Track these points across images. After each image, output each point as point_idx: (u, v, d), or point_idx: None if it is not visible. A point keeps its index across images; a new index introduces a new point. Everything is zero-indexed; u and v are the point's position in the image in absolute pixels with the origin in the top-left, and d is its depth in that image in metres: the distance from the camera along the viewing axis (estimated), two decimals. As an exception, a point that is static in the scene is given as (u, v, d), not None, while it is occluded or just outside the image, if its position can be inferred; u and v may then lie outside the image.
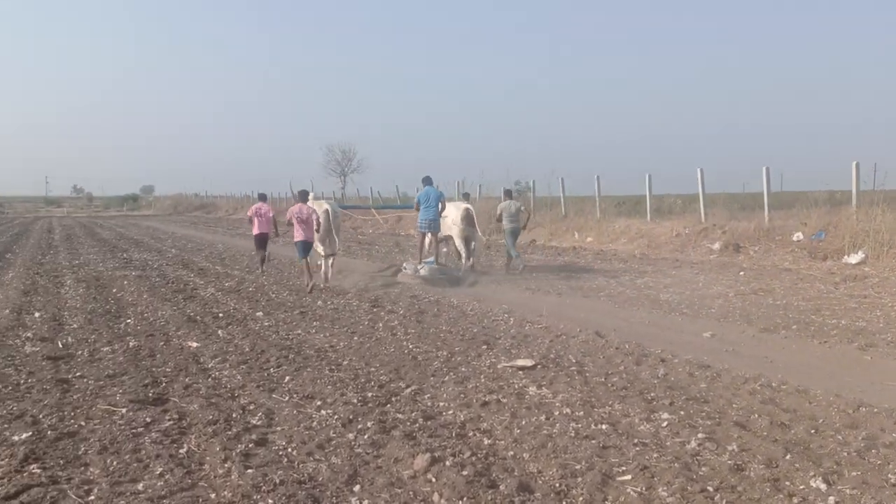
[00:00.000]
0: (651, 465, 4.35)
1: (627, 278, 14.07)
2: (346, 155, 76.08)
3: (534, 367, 6.85)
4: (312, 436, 4.97)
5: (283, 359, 7.27)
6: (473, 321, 9.40)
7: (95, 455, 4.62)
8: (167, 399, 5.91)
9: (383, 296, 11.69)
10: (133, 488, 4.09)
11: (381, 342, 8.13)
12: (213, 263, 17.77)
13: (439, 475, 4.20)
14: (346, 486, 4.12)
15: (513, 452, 4.65)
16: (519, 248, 16.54)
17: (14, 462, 4.45)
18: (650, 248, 19.60)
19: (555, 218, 25.97)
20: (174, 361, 7.23)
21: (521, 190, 32.39)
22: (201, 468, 4.41)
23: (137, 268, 16.65)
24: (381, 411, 5.49)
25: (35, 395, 6.02)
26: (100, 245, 25.21)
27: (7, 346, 7.87)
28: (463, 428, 5.16)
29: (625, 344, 7.81)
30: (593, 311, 10.41)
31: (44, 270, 16.22)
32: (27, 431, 5.03)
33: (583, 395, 5.86)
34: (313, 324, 9.31)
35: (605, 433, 4.96)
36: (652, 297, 11.59)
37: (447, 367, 6.91)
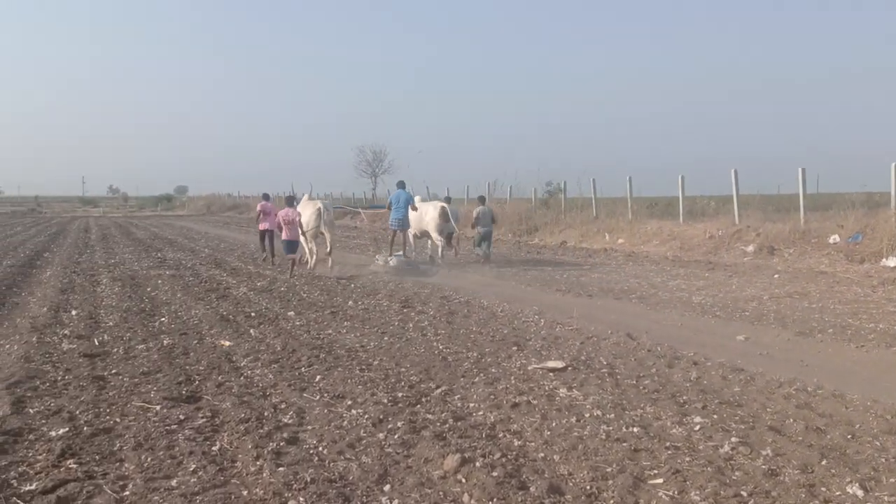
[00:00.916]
0: (683, 469, 4.31)
1: (659, 280, 13.94)
2: (377, 156, 76.40)
3: (564, 368, 6.82)
4: (343, 435, 4.99)
5: (314, 358, 7.32)
6: (504, 322, 9.38)
7: (130, 451, 4.69)
8: (200, 397, 5.99)
9: (413, 296, 11.72)
10: (167, 484, 4.15)
11: (411, 342, 8.14)
12: (245, 263, 17.94)
13: (469, 476, 4.19)
14: (377, 486, 4.13)
15: (543, 454, 4.63)
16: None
17: (51, 457, 4.53)
18: (682, 250, 19.40)
19: (585, 219, 25.83)
20: (207, 360, 7.31)
21: (553, 191, 32.28)
22: (233, 465, 4.45)
23: (171, 267, 16.87)
24: (411, 411, 5.50)
25: (72, 391, 6.13)
26: (135, 245, 25.59)
27: (45, 344, 8.01)
28: (493, 429, 5.15)
29: (657, 346, 7.74)
30: (624, 313, 10.33)
31: (81, 269, 16.51)
32: (64, 427, 5.12)
33: (614, 398, 5.82)
34: (344, 324, 9.36)
35: (636, 436, 4.92)
36: (684, 299, 11.48)
37: (477, 368, 6.91)
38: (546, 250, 22.59)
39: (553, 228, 26.53)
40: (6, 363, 7.16)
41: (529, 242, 25.77)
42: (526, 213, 28.95)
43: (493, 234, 18.78)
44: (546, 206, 30.17)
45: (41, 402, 5.76)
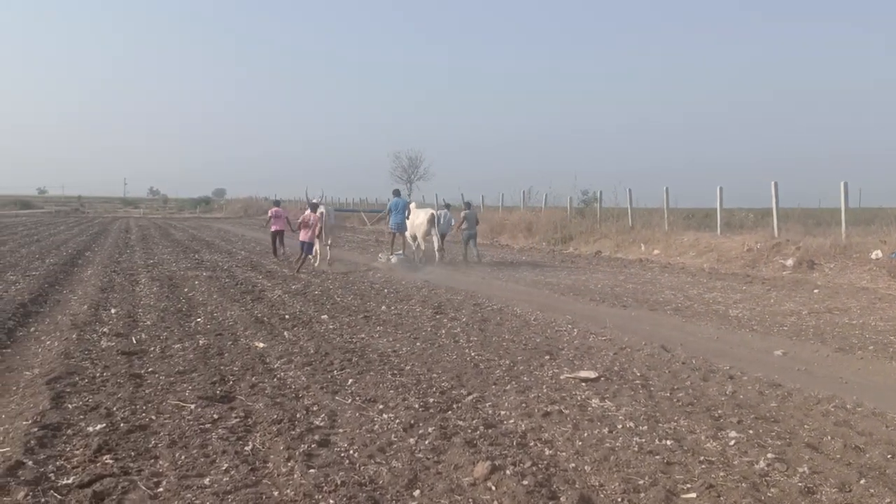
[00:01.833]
0: (717, 484, 4.24)
1: (695, 292, 13.78)
2: (413, 162, 76.78)
3: (597, 379, 6.76)
4: (374, 439, 5.01)
5: (346, 362, 7.36)
6: (536, 331, 9.33)
7: (165, 448, 4.75)
8: (234, 397, 6.05)
9: (446, 303, 11.72)
10: (200, 482, 4.20)
11: (443, 349, 8.14)
12: (280, 266, 18.11)
13: (499, 484, 4.18)
14: (406, 491, 4.14)
15: (574, 464, 4.60)
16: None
17: (88, 452, 4.61)
18: (720, 262, 19.13)
19: (621, 229, 25.60)
20: (241, 361, 7.39)
21: (589, 200, 32.08)
22: (265, 466, 4.49)
23: (208, 269, 17.10)
24: (442, 417, 5.50)
25: (109, 388, 6.23)
26: (173, 246, 25.99)
27: (85, 341, 8.17)
28: (524, 437, 5.12)
29: (691, 359, 7.64)
30: (659, 324, 10.22)
31: (120, 269, 16.81)
32: (101, 423, 5.21)
33: (647, 410, 5.75)
34: (377, 328, 9.40)
35: (669, 449, 4.86)
36: (721, 312, 11.32)
37: (509, 376, 6.88)
38: (580, 259, 22.45)
39: (588, 238, 26.35)
40: (47, 359, 7.32)
41: (564, 251, 25.63)
42: (561, 222, 28.79)
43: (477, 236, 21.36)
44: (581, 215, 29.97)
45: (80, 398, 5.87)
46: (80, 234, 33.25)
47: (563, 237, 27.53)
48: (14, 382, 6.58)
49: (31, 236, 30.42)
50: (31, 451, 4.59)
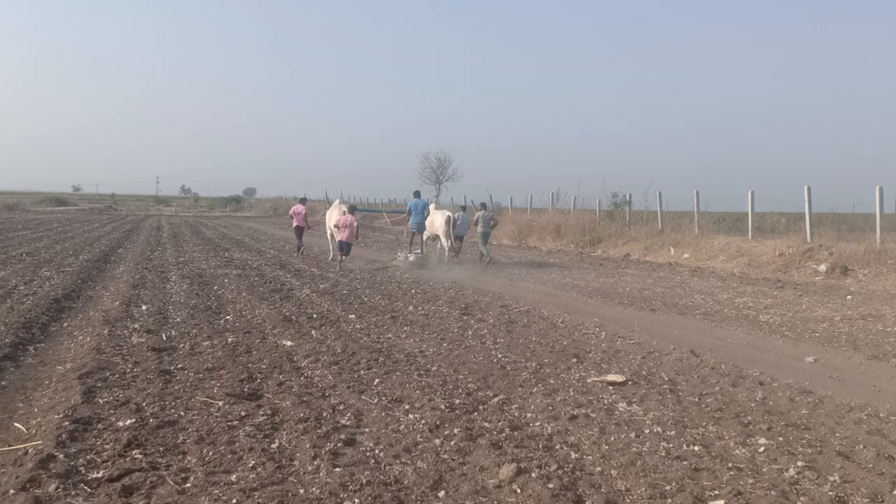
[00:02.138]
0: (746, 492, 4.19)
1: (725, 297, 13.62)
2: (442, 163, 76.95)
3: (624, 383, 6.71)
4: (399, 439, 5.02)
5: (373, 361, 7.37)
6: (564, 333, 9.29)
7: (193, 444, 4.80)
8: (261, 395, 6.09)
9: (473, 304, 11.71)
10: (227, 479, 4.23)
11: (470, 350, 8.13)
12: (308, 265, 18.23)
13: (524, 486, 4.16)
14: (431, 491, 4.13)
15: (600, 468, 4.57)
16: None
17: (118, 447, 4.67)
18: (750, 266, 18.90)
19: (650, 233, 25.41)
20: (269, 359, 7.44)
21: (618, 203, 31.87)
22: (291, 464, 4.51)
23: (238, 267, 17.26)
24: (468, 419, 5.49)
25: (139, 383, 6.31)
26: (204, 244, 26.27)
27: (116, 336, 8.28)
28: (550, 440, 5.09)
29: (721, 364, 7.55)
30: (688, 328, 10.12)
31: (152, 266, 17.03)
32: (131, 418, 5.27)
33: (675, 415, 5.70)
34: (404, 328, 9.41)
35: (697, 455, 4.81)
36: (751, 317, 11.18)
37: (536, 379, 6.85)
38: (609, 262, 22.29)
39: (617, 241, 26.18)
40: (79, 354, 7.43)
41: (592, 254, 25.49)
42: (589, 224, 28.63)
43: (490, 236, 22.16)
44: (610, 218, 29.77)
45: (110, 393, 5.95)
46: (113, 232, 33.76)
47: (591, 240, 27.38)
48: (47, 376, 6.69)
49: (66, 233, 30.96)
50: (63, 444, 4.66)
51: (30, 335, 8.41)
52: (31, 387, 6.38)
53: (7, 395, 6.11)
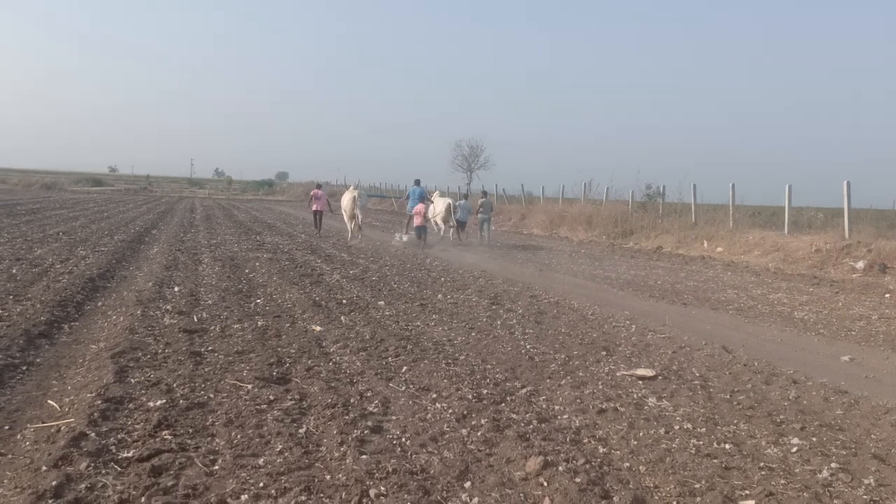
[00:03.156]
0: (777, 492, 4.11)
1: (759, 292, 13.41)
2: (474, 151, 76.73)
3: (654, 377, 6.64)
4: (426, 428, 5.00)
5: (401, 349, 7.37)
6: (593, 326, 9.21)
7: (222, 427, 4.83)
8: (290, 379, 6.12)
9: (503, 293, 11.67)
10: (254, 462, 4.25)
11: (498, 340, 8.10)
12: (339, 251, 18.30)
13: (551, 480, 4.12)
14: (457, 482, 4.12)
15: (628, 464, 4.51)
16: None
17: (148, 427, 4.72)
18: (785, 262, 18.58)
19: (684, 225, 25.10)
20: (298, 343, 7.47)
21: (652, 195, 31.50)
22: (318, 449, 4.52)
23: (269, 251, 17.37)
24: (495, 409, 5.46)
25: (170, 364, 6.37)
26: (236, 227, 26.51)
27: (148, 317, 8.37)
28: (578, 434, 5.05)
29: (753, 361, 7.44)
30: (720, 324, 9.98)
31: (185, 248, 17.21)
32: (162, 399, 5.32)
33: (706, 411, 5.62)
34: (432, 316, 9.40)
35: (728, 453, 4.74)
36: (785, 314, 11.00)
37: (564, 371, 6.80)
38: (641, 255, 22.08)
39: (649, 233, 25.91)
40: (112, 333, 7.53)
41: (624, 246, 25.26)
42: (622, 216, 28.36)
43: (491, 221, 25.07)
44: (643, 210, 29.44)
45: (142, 373, 6.02)
46: (148, 213, 34.19)
47: (623, 231, 27.13)
48: (81, 355, 6.79)
49: (102, 213, 31.44)
50: (95, 423, 4.72)
51: (65, 313, 8.54)
52: (65, 365, 6.48)
53: (42, 372, 6.21)
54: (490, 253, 20.21)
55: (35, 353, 6.74)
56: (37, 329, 7.51)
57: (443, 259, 17.41)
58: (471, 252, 20.17)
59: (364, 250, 18.66)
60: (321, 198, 24.21)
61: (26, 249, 14.69)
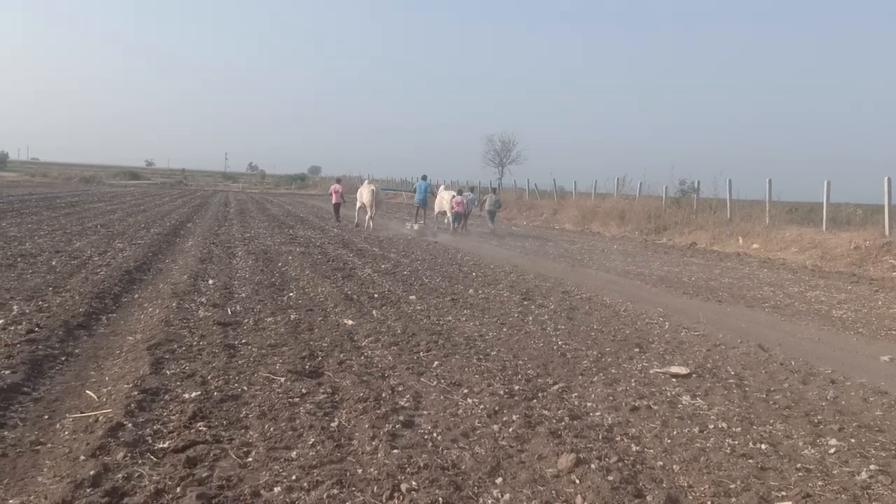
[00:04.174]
0: (815, 494, 4.04)
1: (796, 290, 13.19)
2: (506, 146, 76.48)
3: (688, 375, 6.56)
4: (458, 423, 5.00)
5: (432, 344, 7.37)
6: (626, 322, 9.13)
7: (255, 419, 4.88)
8: (322, 373, 6.15)
9: (534, 289, 11.61)
10: (287, 455, 4.28)
11: (530, 336, 8.06)
12: (370, 245, 18.37)
13: (583, 477, 4.09)
14: (489, 478, 4.11)
15: (662, 462, 4.47)
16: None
17: (184, 418, 4.78)
18: (823, 259, 18.25)
19: (718, 221, 24.75)
20: (330, 337, 7.51)
21: (686, 190, 31.11)
22: (350, 443, 4.54)
23: (301, 244, 17.49)
24: (527, 405, 5.44)
25: (205, 357, 6.45)
26: (269, 220, 26.74)
27: (184, 310, 8.48)
28: (610, 431, 5.01)
29: (790, 360, 7.31)
30: (756, 322, 9.83)
31: (219, 241, 17.41)
32: (196, 391, 5.39)
33: (741, 411, 5.54)
34: (464, 311, 9.39)
35: (764, 453, 4.66)
36: (823, 312, 10.80)
37: (597, 368, 6.75)
38: (674, 251, 21.85)
39: (683, 229, 25.61)
40: (149, 325, 7.64)
41: (657, 241, 25.02)
42: (655, 211, 28.07)
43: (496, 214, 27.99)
44: (677, 205, 29.09)
45: (177, 365, 6.10)
46: (183, 206, 34.63)
47: (656, 227, 26.85)
48: (118, 346, 6.90)
49: (138, 206, 31.92)
50: (132, 413, 4.80)
51: (103, 305, 8.68)
52: (103, 356, 6.58)
53: (80, 362, 6.32)
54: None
55: (74, 344, 6.86)
56: (76, 320, 7.64)
57: (474, 254, 17.39)
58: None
59: (395, 245, 18.70)
60: (339, 192, 27.49)
61: (65, 242, 14.96)
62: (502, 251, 19.08)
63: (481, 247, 19.82)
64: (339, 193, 27.53)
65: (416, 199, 27.13)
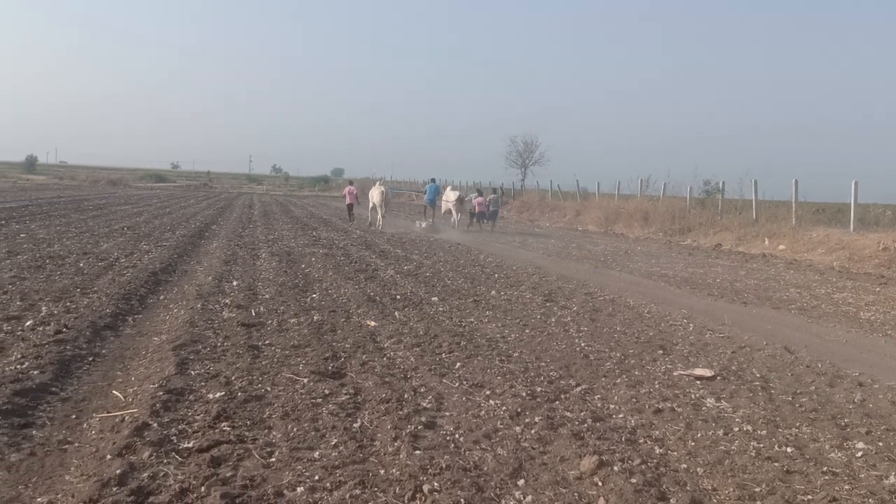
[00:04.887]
0: (841, 498, 3.99)
1: (823, 291, 13.03)
2: (529, 147, 76.23)
3: (713, 377, 6.50)
4: (480, 424, 5.00)
5: (455, 345, 7.37)
6: (650, 324, 9.07)
7: (278, 420, 4.91)
8: (345, 374, 6.18)
9: (557, 290, 11.57)
10: (310, 455, 4.31)
11: (552, 337, 8.04)
12: (393, 246, 18.41)
13: (606, 479, 4.08)
14: (511, 479, 4.10)
15: (686, 465, 4.44)
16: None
17: (208, 418, 4.83)
18: (851, 261, 17.99)
19: (744, 222, 24.50)
20: (353, 338, 7.54)
21: (710, 191, 30.82)
22: (372, 444, 4.56)
23: (325, 246, 17.57)
24: (549, 407, 5.42)
25: (229, 357, 6.50)
26: (292, 222, 26.90)
27: (208, 311, 8.56)
28: (633, 433, 4.98)
29: (817, 363, 7.22)
30: (782, 323, 9.72)
31: (243, 243, 17.54)
32: (221, 391, 5.44)
33: (766, 413, 5.48)
34: (486, 313, 9.38)
35: (789, 456, 4.61)
36: (850, 314, 10.66)
37: (620, 369, 6.72)
38: (699, 252, 21.66)
39: (707, 230, 25.38)
40: (174, 326, 7.72)
41: (681, 243, 24.82)
42: (679, 212, 27.84)
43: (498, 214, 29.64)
44: (701, 206, 28.83)
45: (202, 366, 6.15)
46: (208, 209, 34.93)
47: (681, 228, 26.64)
48: (144, 347, 6.98)
49: (164, 208, 32.25)
50: (157, 413, 4.85)
51: (129, 306, 8.79)
52: (129, 356, 6.66)
53: (107, 363, 6.40)
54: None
55: (101, 345, 6.95)
56: (102, 321, 7.74)
57: (497, 255, 17.37)
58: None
59: (418, 246, 18.72)
60: (353, 193, 29.80)
61: (93, 244, 15.16)
62: (525, 253, 19.04)
63: (504, 248, 19.80)
64: (353, 194, 29.61)
65: (425, 199, 29.42)
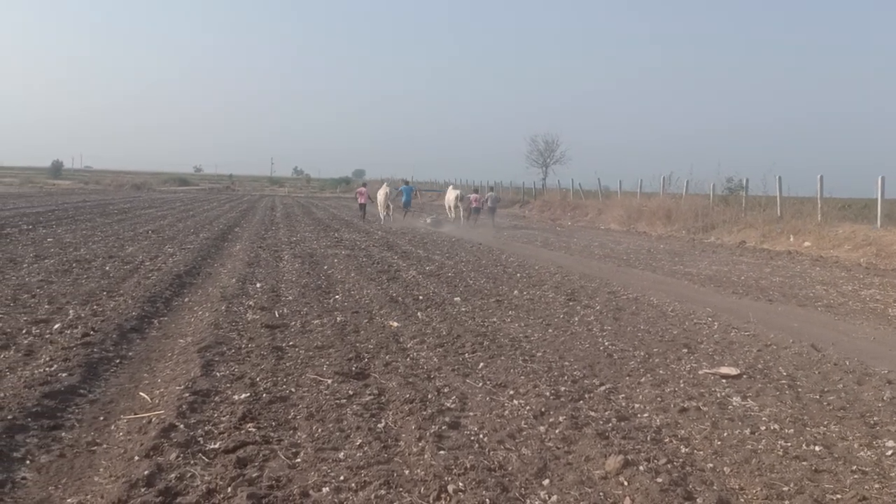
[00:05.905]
0: (871, 497, 3.94)
1: (850, 288, 12.86)
2: (549, 146, 75.88)
3: (739, 376, 6.44)
4: (504, 424, 4.99)
5: (477, 345, 7.37)
6: (674, 322, 9.01)
7: (303, 420, 4.94)
8: (368, 374, 6.20)
9: (580, 289, 11.53)
10: (335, 456, 4.33)
11: (576, 336, 8.01)
12: (415, 247, 18.44)
13: (632, 479, 4.05)
14: (535, 479, 4.09)
15: (712, 465, 4.40)
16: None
17: (234, 419, 4.87)
18: (878, 257, 17.74)
19: (768, 219, 24.23)
20: (376, 339, 7.56)
21: (734, 188, 30.52)
22: (397, 444, 4.57)
23: (347, 247, 17.64)
24: (573, 407, 5.40)
25: (254, 359, 6.55)
26: (314, 224, 27.03)
27: (233, 313, 8.62)
28: (659, 433, 4.95)
29: (844, 360, 7.13)
30: (809, 321, 9.61)
31: (266, 245, 17.66)
32: (246, 392, 5.48)
33: (793, 412, 5.42)
34: (509, 313, 9.37)
35: (818, 455, 4.56)
36: (879, 311, 10.51)
37: (644, 368, 6.68)
38: (723, 250, 21.48)
39: (731, 227, 25.14)
40: (199, 328, 7.79)
41: (705, 241, 24.61)
42: (702, 210, 27.59)
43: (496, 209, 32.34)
44: (725, 203, 28.55)
45: (227, 367, 6.20)
46: (231, 211, 35.22)
47: (704, 226, 26.41)
48: (169, 349, 7.05)
49: (188, 211, 32.57)
50: (183, 414, 4.90)
51: (154, 309, 8.88)
52: (155, 358, 6.73)
53: (133, 365, 6.48)
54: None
55: (127, 347, 7.03)
56: (129, 324, 7.83)
57: (518, 255, 17.35)
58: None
59: (440, 247, 18.74)
60: (364, 193, 31.92)
61: (118, 247, 15.34)
62: (547, 252, 19.00)
63: (525, 248, 19.77)
64: (365, 195, 31.64)
65: (402, 200, 31.61)
